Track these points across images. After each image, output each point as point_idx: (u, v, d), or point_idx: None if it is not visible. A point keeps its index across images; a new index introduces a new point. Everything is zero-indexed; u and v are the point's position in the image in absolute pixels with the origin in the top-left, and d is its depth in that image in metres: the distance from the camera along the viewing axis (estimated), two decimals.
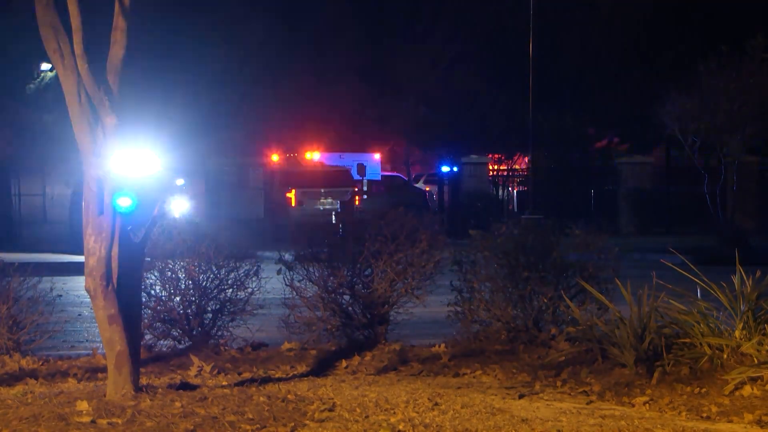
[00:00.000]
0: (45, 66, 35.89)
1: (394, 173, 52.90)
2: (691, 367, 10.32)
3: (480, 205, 40.38)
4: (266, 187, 42.01)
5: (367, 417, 8.88)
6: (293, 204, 39.58)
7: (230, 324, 12.34)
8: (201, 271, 12.25)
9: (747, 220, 36.92)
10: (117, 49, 8.99)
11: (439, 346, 12.19)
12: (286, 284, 12.51)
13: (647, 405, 9.49)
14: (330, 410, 9.04)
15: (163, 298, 12.19)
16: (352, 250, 12.44)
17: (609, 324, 10.89)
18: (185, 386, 9.62)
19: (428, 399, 9.49)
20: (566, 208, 38.22)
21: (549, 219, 13.26)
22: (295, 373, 10.99)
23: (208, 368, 10.88)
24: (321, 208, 39.70)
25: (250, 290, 12.34)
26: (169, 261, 12.22)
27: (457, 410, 9.11)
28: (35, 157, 39.57)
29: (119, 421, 8.40)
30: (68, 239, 30.90)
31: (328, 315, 12.41)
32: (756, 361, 10.15)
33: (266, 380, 10.44)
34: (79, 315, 15.41)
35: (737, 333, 10.49)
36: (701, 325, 10.55)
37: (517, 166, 48.77)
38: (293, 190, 39.74)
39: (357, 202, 41.55)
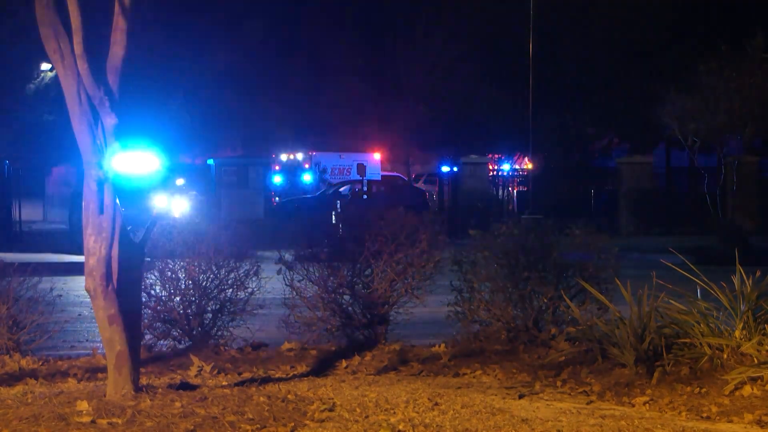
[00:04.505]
0: (45, 66, 35.91)
1: (394, 173, 52.87)
2: (691, 367, 10.31)
3: (480, 205, 40.38)
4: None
5: (367, 417, 8.88)
6: None
7: (230, 324, 12.34)
8: (201, 271, 12.24)
9: (747, 220, 36.91)
10: (117, 49, 8.99)
11: (439, 346, 12.19)
12: (286, 284, 12.50)
13: (647, 405, 9.49)
14: (330, 410, 9.04)
15: (163, 298, 12.18)
16: (352, 250, 12.44)
17: (609, 324, 10.89)
18: (185, 386, 9.61)
19: (428, 399, 9.49)
20: (566, 208, 38.23)
21: (549, 219, 13.25)
22: (295, 373, 10.99)
23: (208, 368, 10.88)
24: None
25: (250, 290, 12.33)
26: (169, 261, 12.21)
27: (457, 410, 9.11)
28: (35, 157, 39.59)
29: (119, 421, 8.40)
30: (68, 239, 30.91)
31: (328, 315, 12.41)
32: (756, 361, 10.15)
33: (266, 380, 10.44)
34: (79, 315, 15.40)
35: (737, 333, 10.48)
36: (701, 325, 10.54)
37: (517, 166, 48.80)
38: None
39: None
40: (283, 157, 49.50)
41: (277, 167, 48.16)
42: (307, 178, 47.55)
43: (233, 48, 41.15)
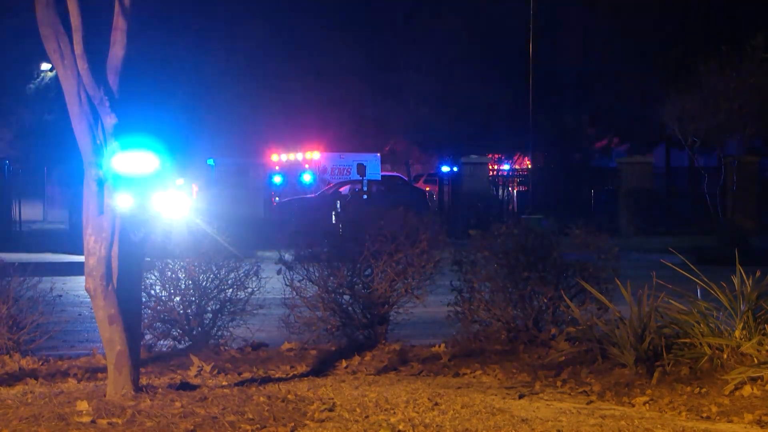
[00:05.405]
0: (45, 66, 35.90)
1: (394, 173, 52.87)
2: (691, 367, 10.32)
3: (480, 205, 40.36)
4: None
5: (367, 417, 8.88)
6: None
7: (230, 324, 12.34)
8: (201, 271, 12.24)
9: (747, 220, 36.92)
10: (117, 49, 8.99)
11: (439, 346, 12.19)
12: (286, 284, 12.50)
13: (647, 405, 9.49)
14: (330, 410, 9.04)
15: (163, 298, 12.18)
16: (352, 250, 12.44)
17: (609, 324, 10.89)
18: (185, 386, 9.62)
19: (428, 399, 9.49)
20: (566, 208, 38.22)
21: (549, 219, 13.24)
22: (295, 373, 10.99)
23: (208, 368, 10.88)
24: None
25: (250, 290, 12.33)
26: (169, 261, 12.21)
27: (457, 410, 9.11)
28: (35, 157, 39.60)
29: (119, 421, 8.40)
30: (68, 239, 30.90)
31: (328, 315, 12.41)
32: (756, 361, 10.16)
33: (266, 380, 10.44)
34: (79, 315, 15.40)
35: (737, 333, 10.49)
36: (701, 325, 10.55)
37: (517, 166, 48.80)
38: None
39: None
40: (283, 157, 49.51)
41: (277, 167, 48.15)
42: (307, 178, 47.51)
43: (233, 48, 41.16)
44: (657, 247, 27.32)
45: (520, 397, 9.78)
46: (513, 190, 47.17)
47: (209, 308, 12.29)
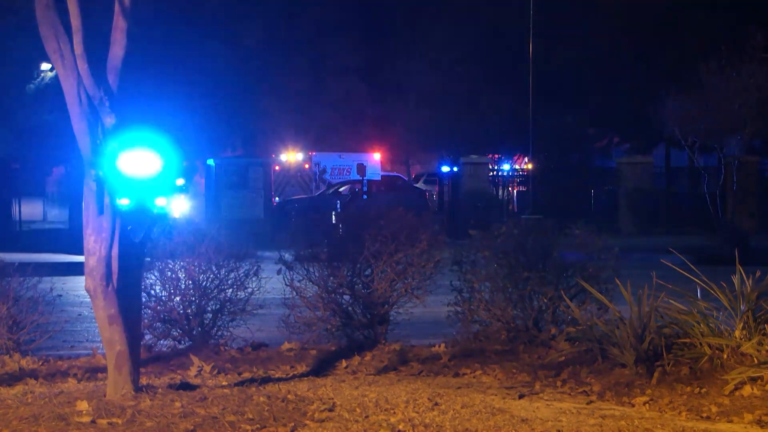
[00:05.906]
0: (45, 66, 35.86)
1: (394, 173, 52.86)
2: (691, 367, 10.32)
3: (480, 205, 40.36)
4: None
5: (367, 417, 8.88)
6: None
7: (230, 324, 12.34)
8: (201, 271, 12.25)
9: (747, 220, 36.93)
10: (117, 49, 8.99)
11: (439, 346, 12.19)
12: (286, 284, 12.51)
13: (647, 405, 9.49)
14: (330, 410, 9.04)
15: (163, 298, 12.19)
16: (352, 250, 12.44)
17: (609, 324, 10.89)
18: (185, 386, 9.62)
19: (428, 399, 9.49)
20: (566, 208, 38.19)
21: (549, 219, 13.23)
22: (295, 373, 10.99)
23: (208, 368, 10.88)
24: None
25: (250, 290, 12.34)
26: (169, 261, 12.22)
27: (457, 410, 9.11)
28: (35, 157, 39.58)
29: (119, 421, 8.40)
30: (68, 239, 30.90)
31: (328, 315, 12.41)
32: (756, 361, 10.16)
33: (266, 380, 10.44)
34: (79, 315, 15.41)
35: (737, 333, 10.49)
36: (701, 325, 10.55)
37: (517, 166, 48.77)
38: None
39: None
40: (283, 157, 49.53)
41: (277, 167, 48.16)
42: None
43: (233, 47, 41.14)
44: (657, 247, 27.32)
45: (520, 397, 9.78)
46: (513, 190, 47.17)
47: (209, 308, 12.30)
